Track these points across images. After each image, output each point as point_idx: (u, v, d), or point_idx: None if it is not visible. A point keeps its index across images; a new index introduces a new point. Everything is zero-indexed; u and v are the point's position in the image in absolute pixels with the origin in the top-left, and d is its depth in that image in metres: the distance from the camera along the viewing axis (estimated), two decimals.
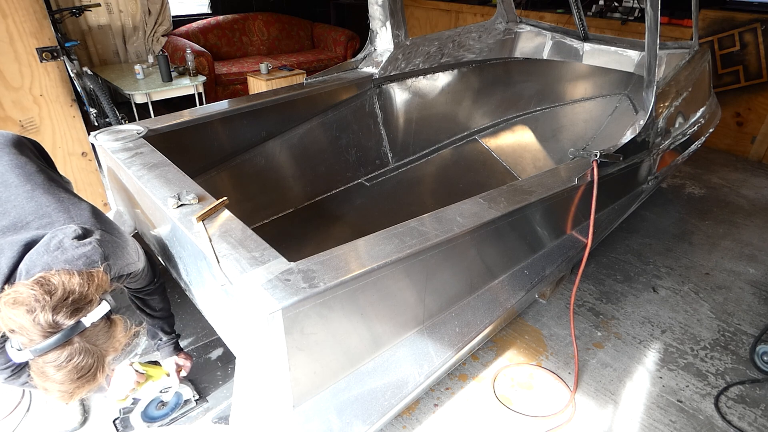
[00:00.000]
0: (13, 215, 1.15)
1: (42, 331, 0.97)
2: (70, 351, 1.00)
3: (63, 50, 3.37)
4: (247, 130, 2.45)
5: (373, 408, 1.45)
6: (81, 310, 1.02)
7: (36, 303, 0.96)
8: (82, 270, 1.05)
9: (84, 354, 1.02)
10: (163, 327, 1.65)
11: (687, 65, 2.82)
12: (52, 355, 0.99)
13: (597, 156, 1.96)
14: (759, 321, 2.34)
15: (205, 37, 5.25)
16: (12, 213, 1.15)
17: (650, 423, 1.83)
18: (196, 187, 1.57)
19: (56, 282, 1.00)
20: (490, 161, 3.44)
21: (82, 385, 1.04)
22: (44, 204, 1.19)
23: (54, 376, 1.00)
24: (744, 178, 3.83)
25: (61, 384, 1.02)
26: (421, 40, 3.08)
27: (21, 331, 0.97)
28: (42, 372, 1.01)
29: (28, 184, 1.22)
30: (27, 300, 0.96)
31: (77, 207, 1.23)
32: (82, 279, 1.03)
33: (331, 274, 1.22)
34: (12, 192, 1.19)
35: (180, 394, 1.75)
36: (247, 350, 1.39)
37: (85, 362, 1.02)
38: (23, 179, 1.23)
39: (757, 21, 3.81)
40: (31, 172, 1.27)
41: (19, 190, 1.20)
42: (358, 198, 2.94)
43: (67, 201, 1.23)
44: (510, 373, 2.02)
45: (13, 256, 1.06)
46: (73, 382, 1.02)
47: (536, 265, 2.04)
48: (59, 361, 0.99)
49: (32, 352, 0.98)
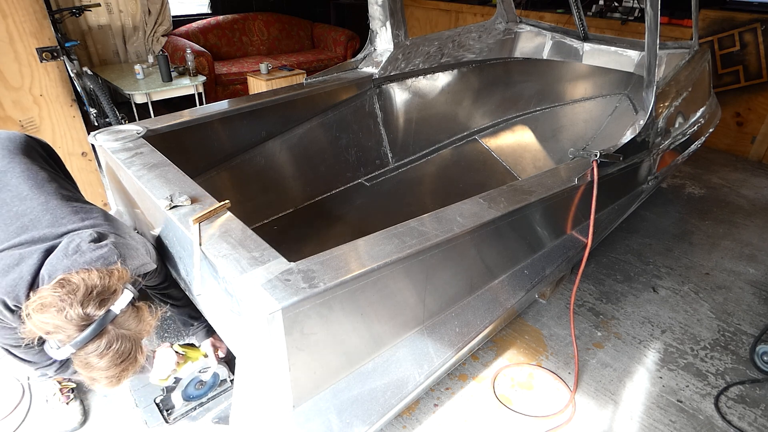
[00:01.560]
0: (31, 228, 1.19)
1: (77, 325, 1.04)
2: (108, 339, 1.08)
3: (63, 50, 3.37)
4: (247, 130, 2.45)
5: (373, 408, 1.45)
6: (108, 301, 1.09)
7: (63, 302, 1.03)
8: (100, 268, 1.11)
9: (121, 339, 1.10)
10: (190, 314, 1.73)
11: (687, 65, 2.82)
12: (92, 346, 1.06)
13: (597, 156, 1.96)
14: (759, 321, 2.34)
15: (205, 37, 5.25)
16: (30, 227, 1.19)
17: (650, 423, 1.83)
18: (195, 187, 1.57)
19: (76, 281, 1.06)
20: (490, 161, 3.44)
21: (126, 368, 1.12)
22: (59, 215, 1.23)
23: (98, 364, 1.08)
24: (744, 178, 3.83)
25: (107, 370, 1.09)
26: (421, 40, 3.08)
27: (57, 330, 1.03)
28: (86, 363, 1.08)
29: (42, 196, 1.26)
30: (54, 302, 1.03)
31: (90, 213, 1.28)
32: (101, 274, 1.09)
33: (331, 274, 1.22)
34: (27, 205, 1.23)
35: (217, 374, 1.83)
36: (247, 350, 1.39)
37: (124, 347, 1.10)
38: (37, 191, 1.27)
39: (757, 21, 3.81)
40: (44, 181, 1.30)
41: (34, 203, 1.24)
42: (358, 198, 2.94)
43: (80, 209, 1.28)
44: (510, 373, 2.02)
45: (33, 263, 1.11)
46: (117, 366, 1.10)
47: (536, 265, 2.04)
48: (100, 350, 1.07)
49: (73, 346, 1.05)
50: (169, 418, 1.76)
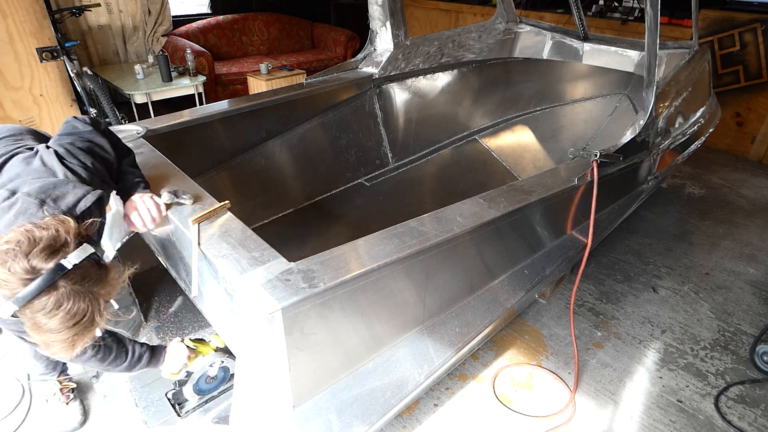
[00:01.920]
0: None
1: (20, 279, 0.94)
2: (57, 296, 0.96)
3: (63, 50, 3.36)
4: (247, 130, 2.45)
5: (373, 408, 1.45)
6: (57, 253, 0.98)
7: (6, 255, 0.94)
8: (48, 220, 1.02)
9: (74, 298, 0.98)
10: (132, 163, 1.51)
11: (687, 65, 2.82)
12: (39, 302, 0.96)
13: (597, 156, 1.96)
14: (759, 321, 2.34)
15: (205, 37, 5.25)
16: None
17: (650, 423, 1.83)
18: (195, 187, 1.57)
19: (16, 236, 0.97)
20: (490, 161, 3.44)
21: (81, 332, 1.01)
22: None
23: (48, 325, 0.97)
24: (744, 178, 3.83)
25: (59, 333, 0.98)
26: (421, 40, 3.08)
27: (5, 284, 0.94)
28: (34, 324, 0.98)
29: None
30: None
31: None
32: (47, 225, 1.00)
33: (331, 274, 1.22)
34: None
35: (227, 368, 1.82)
36: (247, 350, 1.39)
37: (78, 307, 0.99)
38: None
39: (757, 21, 3.81)
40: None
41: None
42: (358, 198, 2.94)
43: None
44: (510, 373, 2.02)
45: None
46: (70, 329, 0.99)
47: (536, 265, 2.04)
48: (48, 308, 0.96)
49: (15, 302, 0.94)
50: (180, 411, 1.77)
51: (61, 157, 1.18)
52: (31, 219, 1.02)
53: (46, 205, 1.06)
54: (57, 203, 1.08)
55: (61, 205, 1.08)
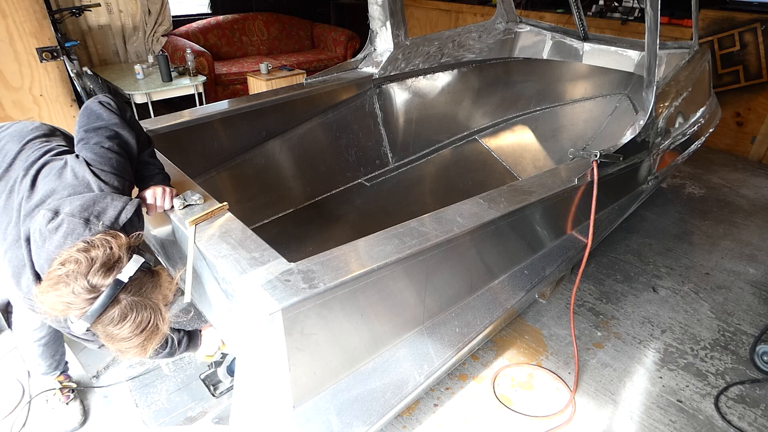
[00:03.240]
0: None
1: (86, 298, 1.02)
2: (121, 309, 1.05)
3: (63, 50, 3.36)
4: (247, 130, 2.45)
5: (373, 408, 1.45)
6: (113, 268, 1.06)
7: (67, 278, 1.01)
8: (99, 237, 1.08)
9: (136, 308, 1.07)
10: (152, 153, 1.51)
11: (687, 65, 2.82)
12: (106, 317, 1.04)
13: (597, 156, 1.96)
14: (759, 321, 2.34)
15: (205, 37, 5.25)
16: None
17: (650, 423, 1.83)
18: (195, 187, 1.57)
19: (72, 258, 1.03)
20: (490, 161, 3.44)
21: (149, 336, 1.10)
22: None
23: (119, 335, 1.06)
24: (744, 178, 3.83)
25: (129, 340, 1.08)
26: (421, 40, 3.08)
27: (69, 307, 1.03)
28: (108, 335, 1.07)
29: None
30: (60, 279, 1.01)
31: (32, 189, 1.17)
32: (100, 242, 1.06)
33: (331, 275, 1.22)
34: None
35: None
36: (247, 350, 1.39)
37: (142, 315, 1.07)
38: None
39: (757, 21, 3.81)
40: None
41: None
42: (358, 198, 2.94)
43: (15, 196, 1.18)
44: (510, 373, 2.02)
45: (21, 254, 1.11)
46: (139, 336, 1.08)
47: (536, 266, 2.04)
48: (116, 320, 1.05)
49: (86, 319, 1.03)
50: (215, 392, 1.85)
51: (91, 165, 1.20)
52: (80, 238, 1.08)
53: (91, 223, 1.11)
54: (100, 219, 1.13)
55: (104, 220, 1.13)
